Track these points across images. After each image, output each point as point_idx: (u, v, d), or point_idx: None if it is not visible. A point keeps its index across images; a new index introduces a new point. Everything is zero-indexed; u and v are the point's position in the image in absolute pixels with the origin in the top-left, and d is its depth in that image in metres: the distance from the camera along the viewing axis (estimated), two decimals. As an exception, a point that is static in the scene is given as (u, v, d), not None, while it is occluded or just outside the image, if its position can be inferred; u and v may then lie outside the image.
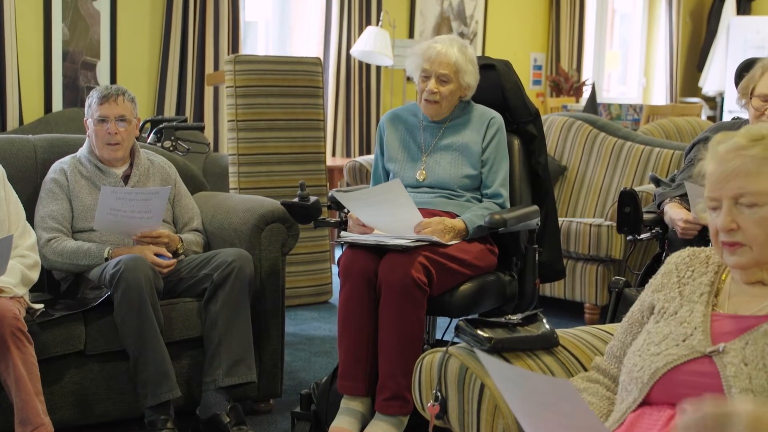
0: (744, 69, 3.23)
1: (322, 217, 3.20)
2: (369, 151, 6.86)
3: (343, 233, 3.12)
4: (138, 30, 5.65)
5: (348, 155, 6.78)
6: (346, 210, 3.19)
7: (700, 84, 10.11)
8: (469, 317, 2.11)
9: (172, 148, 4.14)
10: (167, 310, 3.08)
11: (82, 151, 3.31)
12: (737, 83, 3.20)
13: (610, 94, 9.91)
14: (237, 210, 3.37)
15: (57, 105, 5.30)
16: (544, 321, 2.09)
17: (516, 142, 3.34)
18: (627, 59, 10.28)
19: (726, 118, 9.09)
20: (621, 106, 7.40)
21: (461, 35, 7.77)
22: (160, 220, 3.18)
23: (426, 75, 3.19)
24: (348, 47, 6.72)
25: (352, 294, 2.90)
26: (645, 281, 2.76)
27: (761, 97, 3.02)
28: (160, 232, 3.17)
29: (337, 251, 5.40)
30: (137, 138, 3.39)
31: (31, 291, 3.01)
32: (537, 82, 8.76)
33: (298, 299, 4.84)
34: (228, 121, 4.70)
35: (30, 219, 3.11)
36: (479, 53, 7.56)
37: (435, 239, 2.93)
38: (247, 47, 6.52)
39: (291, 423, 3.15)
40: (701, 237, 2.96)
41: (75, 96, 5.36)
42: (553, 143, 5.28)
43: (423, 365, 2.05)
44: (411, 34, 7.44)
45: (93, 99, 3.27)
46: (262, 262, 3.27)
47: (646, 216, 3.20)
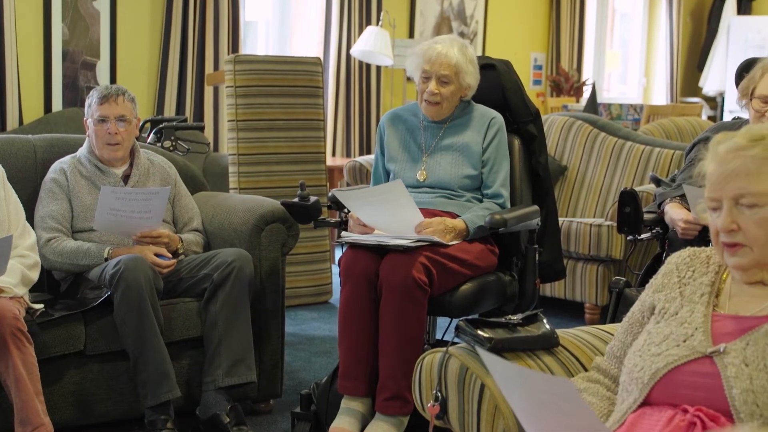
0: (744, 69, 3.22)
1: (322, 217, 3.20)
2: (369, 151, 6.85)
3: (344, 233, 3.12)
4: (138, 30, 5.65)
5: (348, 155, 6.78)
6: (346, 210, 3.19)
7: (700, 84, 10.11)
8: (470, 317, 2.11)
9: (172, 148, 4.14)
10: (167, 310, 3.08)
11: (81, 151, 3.31)
12: (737, 83, 3.19)
13: (610, 93, 9.91)
14: (237, 210, 3.36)
15: (57, 105, 5.30)
16: (544, 321, 2.09)
17: (516, 142, 3.33)
18: (627, 59, 10.28)
19: (726, 118, 9.08)
20: (621, 105, 7.39)
21: (461, 35, 7.77)
22: (160, 220, 3.17)
23: (426, 76, 3.19)
24: (348, 47, 6.72)
25: (353, 294, 2.90)
26: (645, 281, 2.77)
27: (761, 99, 3.01)
28: (160, 232, 3.16)
29: (338, 251, 5.40)
30: (137, 138, 3.39)
31: (31, 291, 3.00)
32: (537, 81, 8.75)
33: (298, 299, 4.84)
34: (228, 121, 4.69)
35: (30, 219, 3.10)
36: (479, 53, 7.56)
37: (436, 239, 2.93)
38: (247, 47, 6.51)
39: (291, 423, 3.15)
40: (702, 237, 2.96)
41: (75, 96, 5.35)
42: (554, 143, 5.28)
43: (423, 365, 2.04)
44: (411, 34, 7.44)
45: (93, 99, 3.26)
46: (262, 262, 3.27)
47: (646, 216, 3.19)
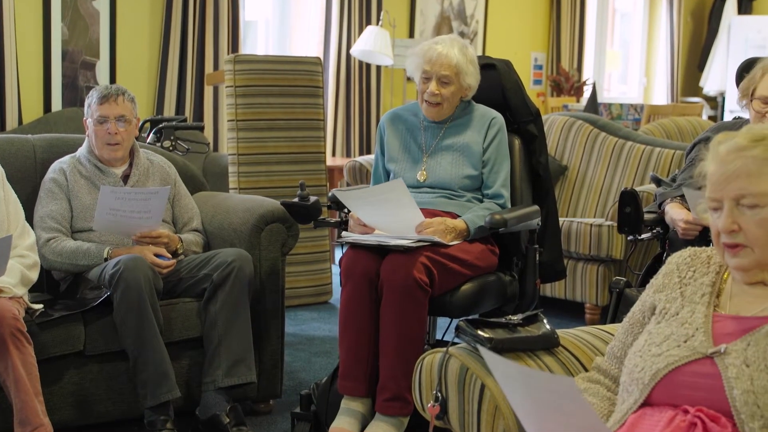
0: (745, 69, 3.22)
1: (322, 217, 3.20)
2: (369, 151, 6.85)
3: (344, 233, 3.11)
4: (138, 30, 5.64)
5: (348, 155, 6.77)
6: (346, 210, 3.19)
7: (701, 84, 10.11)
8: (470, 317, 2.11)
9: (171, 147, 4.13)
10: (167, 310, 3.08)
11: (81, 151, 3.30)
12: (738, 83, 3.19)
13: (610, 93, 9.90)
14: (237, 210, 3.36)
15: (56, 105, 5.29)
16: (544, 321, 2.09)
17: (517, 142, 3.33)
18: (628, 59, 10.27)
19: (727, 117, 9.08)
20: (622, 105, 7.39)
21: (461, 35, 7.76)
22: (159, 220, 3.17)
23: (427, 76, 3.18)
24: (348, 47, 6.71)
25: (353, 294, 2.89)
26: (646, 281, 2.76)
27: (761, 100, 3.00)
28: (159, 232, 3.16)
29: (338, 251, 5.40)
30: (137, 138, 3.39)
31: (31, 291, 3.00)
32: (537, 81, 8.75)
33: (298, 299, 4.84)
34: (228, 121, 4.69)
35: (29, 219, 3.10)
36: (479, 53, 7.56)
37: (436, 239, 2.93)
38: (247, 47, 6.50)
39: (291, 423, 3.14)
40: (702, 237, 2.96)
41: (74, 96, 5.35)
42: (554, 143, 5.27)
43: (423, 366, 2.04)
44: (411, 33, 7.43)
45: (93, 99, 3.26)
46: (261, 262, 3.26)
47: (646, 216, 3.19)
